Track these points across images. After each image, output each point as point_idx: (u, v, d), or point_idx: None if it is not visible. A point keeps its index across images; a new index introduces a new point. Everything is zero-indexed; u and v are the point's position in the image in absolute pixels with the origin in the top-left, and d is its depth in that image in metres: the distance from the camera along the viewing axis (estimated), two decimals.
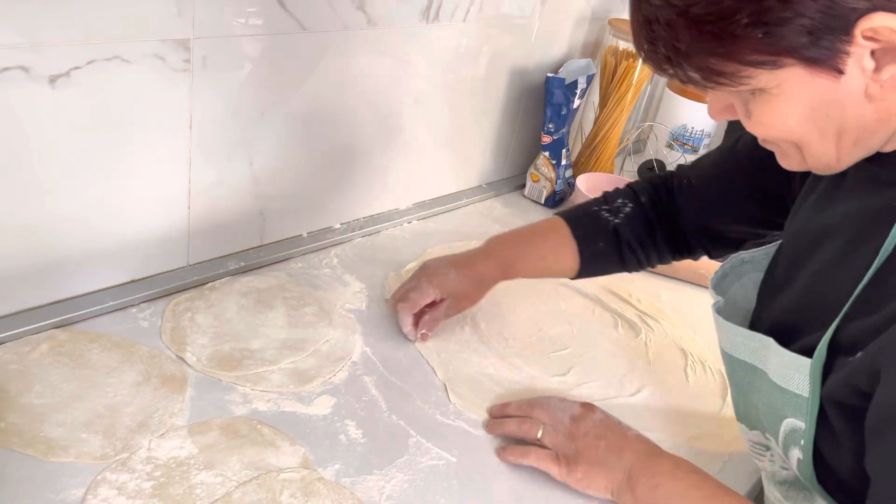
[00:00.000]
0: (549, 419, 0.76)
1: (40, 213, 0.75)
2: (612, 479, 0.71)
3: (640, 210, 0.89)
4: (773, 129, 0.57)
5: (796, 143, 0.57)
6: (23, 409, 0.69)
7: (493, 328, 0.95)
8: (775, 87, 0.53)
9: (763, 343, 0.64)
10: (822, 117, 0.54)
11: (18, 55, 0.66)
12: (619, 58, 1.29)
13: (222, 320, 0.85)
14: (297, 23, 0.86)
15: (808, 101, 0.54)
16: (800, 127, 0.55)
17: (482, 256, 0.91)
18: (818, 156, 0.57)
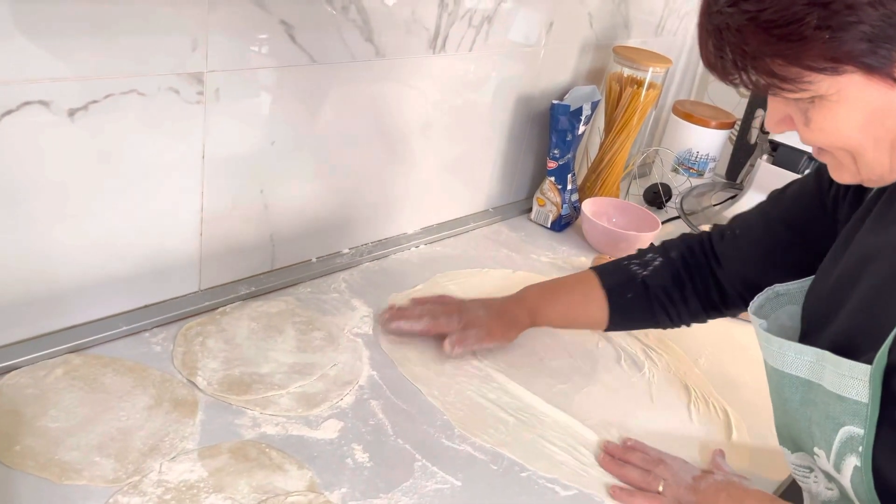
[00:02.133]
0: (671, 476, 0.78)
1: (57, 240, 0.78)
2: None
3: (669, 263, 0.90)
4: (831, 136, 0.59)
5: (852, 151, 0.60)
6: (38, 433, 0.70)
7: (495, 357, 0.95)
8: (835, 94, 0.56)
9: (818, 356, 0.64)
10: (878, 126, 0.57)
11: (39, 89, 0.69)
12: (623, 84, 1.31)
13: (233, 345, 0.87)
14: (308, 55, 0.88)
15: (866, 108, 0.56)
16: (856, 134, 0.58)
17: (513, 302, 0.95)
18: (872, 166, 0.60)
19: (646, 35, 1.46)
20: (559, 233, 1.30)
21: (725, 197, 1.43)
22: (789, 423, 0.71)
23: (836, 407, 0.63)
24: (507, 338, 0.94)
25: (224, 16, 0.78)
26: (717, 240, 0.88)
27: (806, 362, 0.66)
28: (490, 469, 0.78)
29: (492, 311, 0.93)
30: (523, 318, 0.94)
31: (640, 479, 0.79)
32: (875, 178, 0.62)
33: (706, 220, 1.33)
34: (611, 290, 0.91)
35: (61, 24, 0.68)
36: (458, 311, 0.93)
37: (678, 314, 0.90)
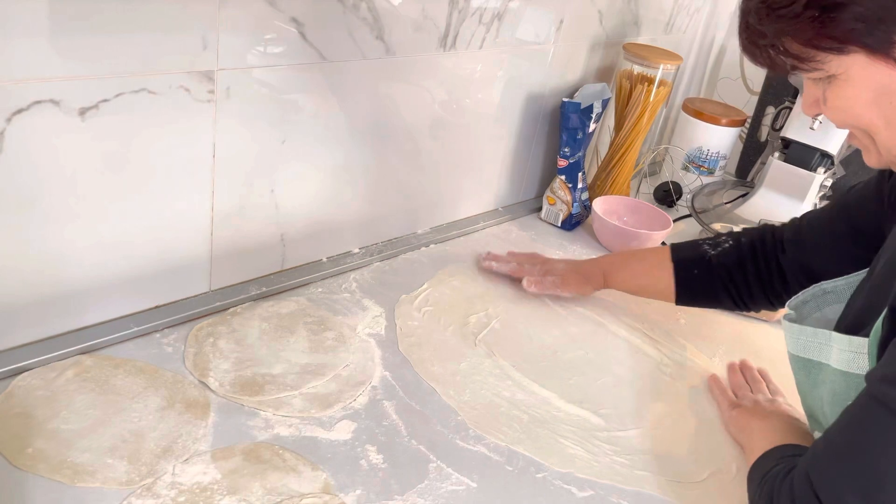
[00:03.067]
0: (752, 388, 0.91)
1: (67, 240, 0.77)
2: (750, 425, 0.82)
3: (738, 247, 0.94)
4: (844, 115, 0.64)
5: (867, 130, 0.64)
6: (50, 435, 0.70)
7: (507, 352, 0.95)
8: (843, 73, 0.61)
9: (826, 337, 0.68)
10: (886, 105, 0.60)
11: (50, 88, 0.68)
12: (633, 81, 1.30)
13: (244, 345, 0.86)
14: (318, 53, 0.88)
15: (872, 87, 0.60)
16: (867, 113, 0.62)
17: (591, 262, 1.08)
18: (888, 145, 0.63)
19: (655, 32, 1.46)
20: (569, 232, 1.29)
21: (736, 195, 1.42)
22: (809, 406, 0.75)
23: (842, 383, 0.65)
24: (582, 290, 1.06)
25: (235, 14, 0.78)
26: (787, 228, 0.92)
27: (816, 344, 0.70)
28: (505, 470, 0.77)
29: (570, 265, 1.08)
30: (597, 277, 1.04)
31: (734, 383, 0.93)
32: (893, 157, 0.64)
33: (717, 218, 1.31)
34: (678, 262, 0.97)
35: (71, 23, 0.67)
36: (542, 263, 1.09)
37: (740, 296, 0.94)
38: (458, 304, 1.02)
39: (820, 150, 1.28)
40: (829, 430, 0.61)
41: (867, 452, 0.56)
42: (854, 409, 0.59)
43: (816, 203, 1.31)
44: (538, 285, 1.05)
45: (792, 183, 1.30)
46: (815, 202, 1.31)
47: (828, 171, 1.30)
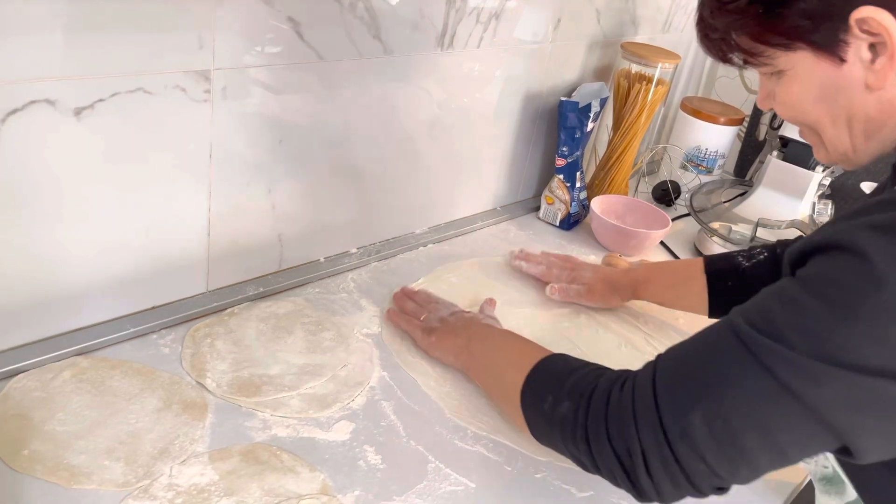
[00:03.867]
0: (434, 309, 0.92)
1: (63, 240, 0.77)
2: (456, 343, 0.86)
3: (773, 259, 0.92)
4: (791, 110, 0.64)
5: (813, 127, 0.64)
6: (46, 437, 0.69)
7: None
8: (791, 70, 0.61)
9: None
10: (831, 102, 0.60)
11: (45, 88, 0.68)
12: (631, 80, 1.30)
13: (241, 346, 0.85)
14: (315, 52, 0.87)
15: (817, 84, 0.60)
16: (812, 109, 0.62)
17: (622, 272, 1.06)
18: (834, 143, 0.63)
19: (653, 31, 1.45)
20: (568, 231, 1.29)
21: (735, 194, 1.42)
22: None
23: None
24: (608, 302, 1.05)
25: (231, 13, 0.77)
26: None
27: None
28: (504, 470, 0.77)
29: (599, 274, 1.06)
30: (627, 288, 1.03)
31: (411, 309, 0.94)
32: (840, 156, 0.65)
33: (716, 217, 1.31)
34: (712, 274, 0.95)
35: (67, 23, 0.67)
36: (571, 269, 1.08)
37: None
38: (451, 300, 1.01)
39: None
40: (685, 350, 0.61)
41: (719, 381, 0.56)
42: (714, 339, 0.59)
43: (815, 202, 1.31)
44: (562, 293, 1.04)
45: (790, 181, 1.30)
46: (814, 201, 1.31)
47: (826, 170, 1.30)
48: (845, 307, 0.52)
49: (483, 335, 0.85)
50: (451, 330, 0.88)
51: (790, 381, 0.53)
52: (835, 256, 0.54)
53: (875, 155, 0.63)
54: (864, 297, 0.51)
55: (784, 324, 0.54)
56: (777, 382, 0.53)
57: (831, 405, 0.52)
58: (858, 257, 0.52)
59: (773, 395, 0.53)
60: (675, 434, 0.57)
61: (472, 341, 0.85)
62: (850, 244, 0.52)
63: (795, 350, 0.53)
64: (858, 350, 0.51)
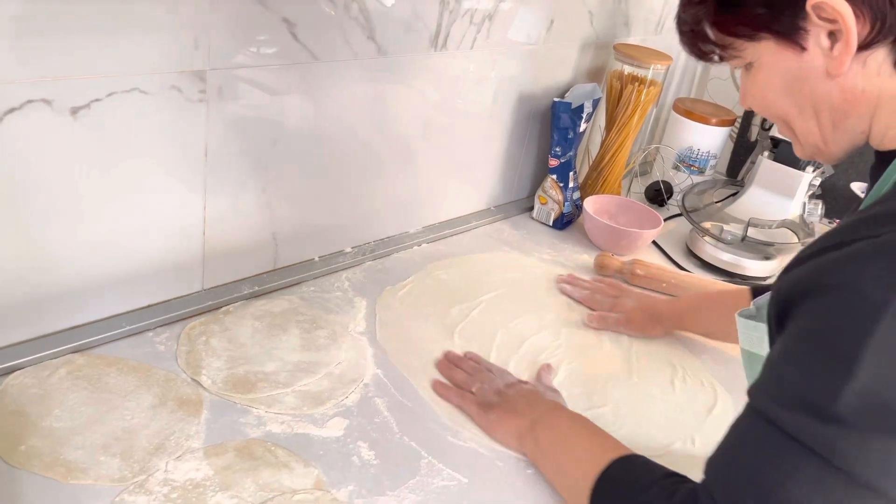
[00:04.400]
0: (487, 380, 0.86)
1: (59, 239, 0.77)
2: (520, 425, 0.79)
3: None
4: (760, 102, 0.65)
5: (783, 119, 0.65)
6: (43, 433, 0.70)
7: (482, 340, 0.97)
8: (756, 61, 0.62)
9: (763, 331, 0.66)
10: (795, 92, 0.61)
11: (42, 88, 0.69)
12: (624, 81, 1.31)
13: (237, 344, 0.86)
14: (310, 53, 0.88)
15: (781, 74, 0.61)
16: (779, 100, 0.63)
17: (667, 303, 1.06)
18: (805, 135, 0.64)
19: (646, 33, 1.47)
20: (561, 231, 1.30)
21: (727, 194, 1.43)
22: None
23: None
24: (647, 332, 1.03)
25: (226, 14, 0.78)
26: None
27: (757, 337, 0.69)
28: (496, 466, 0.78)
29: (641, 304, 1.05)
30: (668, 319, 1.02)
31: (461, 380, 0.87)
32: (812, 149, 0.65)
33: (708, 217, 1.32)
34: None
35: (64, 23, 0.67)
36: (614, 296, 1.07)
37: None
38: (441, 296, 1.03)
39: None
40: (727, 453, 0.58)
41: (772, 480, 0.53)
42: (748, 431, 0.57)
43: (805, 201, 1.32)
44: (600, 320, 1.03)
45: (781, 182, 1.32)
46: (804, 200, 1.32)
47: (816, 170, 1.31)
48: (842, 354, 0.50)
49: (550, 420, 0.78)
50: (512, 408, 0.81)
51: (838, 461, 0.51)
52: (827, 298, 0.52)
53: (847, 147, 0.63)
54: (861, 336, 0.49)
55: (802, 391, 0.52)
56: (826, 464, 0.51)
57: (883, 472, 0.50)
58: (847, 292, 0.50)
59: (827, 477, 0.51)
60: None
61: (537, 425, 0.78)
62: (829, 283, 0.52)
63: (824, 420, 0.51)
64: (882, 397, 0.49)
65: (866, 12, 0.55)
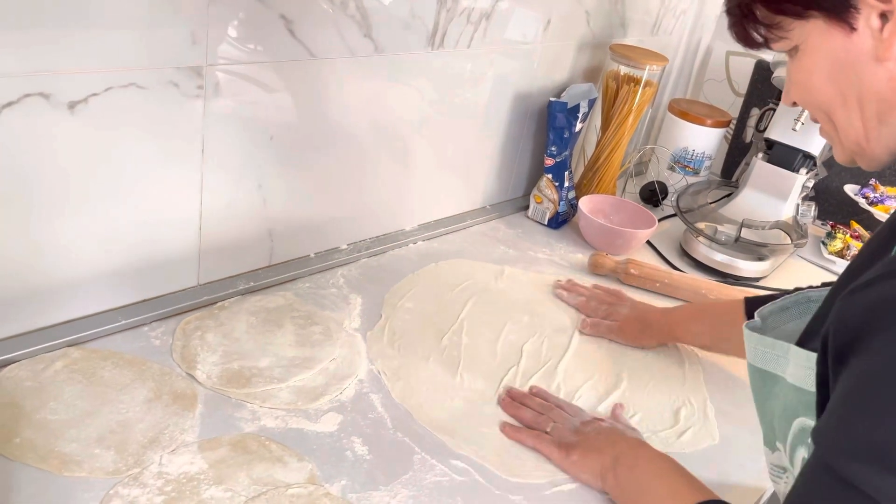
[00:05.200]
0: (561, 419, 0.83)
1: (56, 233, 0.78)
2: (602, 463, 0.77)
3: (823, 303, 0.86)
4: (802, 90, 0.63)
5: (825, 109, 0.62)
6: (38, 425, 0.70)
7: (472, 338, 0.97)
8: (803, 44, 0.60)
9: (784, 349, 0.64)
10: (841, 78, 0.59)
11: (40, 82, 0.69)
12: (620, 82, 1.32)
13: (232, 339, 0.87)
14: (306, 50, 0.89)
15: (828, 57, 0.59)
16: (823, 87, 0.61)
17: (661, 312, 1.03)
18: (847, 129, 0.61)
19: (642, 34, 1.47)
20: (556, 230, 1.31)
21: (721, 195, 1.44)
22: (762, 419, 0.71)
23: (793, 398, 0.62)
24: (638, 341, 1.02)
25: (224, 10, 0.78)
26: None
27: (774, 356, 0.66)
28: (489, 462, 0.78)
29: (635, 312, 1.04)
30: (662, 329, 1.01)
31: (532, 420, 0.83)
32: (853, 146, 0.62)
33: (702, 217, 1.33)
34: None
35: (62, 16, 0.68)
36: (610, 303, 1.06)
37: None
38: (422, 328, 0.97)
39: (802, 152, 1.30)
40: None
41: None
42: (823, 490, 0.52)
43: (799, 203, 1.33)
44: (593, 328, 1.03)
45: (775, 183, 1.32)
46: (798, 202, 1.33)
47: (810, 172, 1.32)
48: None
49: (632, 458, 0.76)
50: (593, 447, 0.78)
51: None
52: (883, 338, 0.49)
53: (891, 147, 0.60)
54: None
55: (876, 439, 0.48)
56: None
57: None
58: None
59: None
60: None
61: (619, 464, 0.76)
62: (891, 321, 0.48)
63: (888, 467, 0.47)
64: None
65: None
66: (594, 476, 0.77)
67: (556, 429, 0.82)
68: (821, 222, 1.53)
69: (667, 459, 0.75)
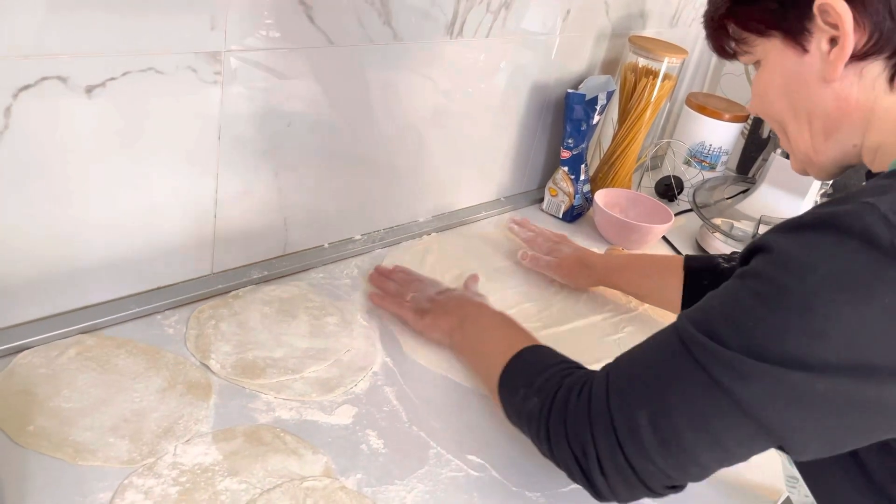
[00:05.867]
0: (419, 289, 0.93)
1: (70, 219, 0.77)
2: (450, 322, 0.87)
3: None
4: (759, 101, 0.67)
5: (779, 121, 0.67)
6: (51, 413, 0.70)
7: None
8: (764, 59, 0.65)
9: None
10: (793, 94, 0.63)
11: (58, 65, 0.68)
12: (638, 75, 1.30)
13: (246, 328, 0.86)
14: (325, 37, 0.87)
15: (782, 73, 0.63)
16: (777, 101, 0.65)
17: (600, 256, 1.08)
18: (797, 140, 0.66)
19: (661, 26, 1.45)
20: (571, 223, 1.30)
21: (738, 191, 1.42)
22: None
23: None
24: (574, 279, 1.07)
25: None
26: None
27: None
28: (505, 458, 0.77)
29: (577, 253, 1.09)
30: (597, 271, 1.05)
31: (394, 290, 0.95)
32: (803, 156, 0.67)
33: (718, 213, 1.32)
34: (689, 271, 0.96)
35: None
36: (555, 242, 1.12)
37: None
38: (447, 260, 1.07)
39: None
40: (636, 352, 0.63)
41: (662, 381, 0.58)
42: (660, 340, 0.61)
43: (817, 200, 1.31)
44: (532, 261, 1.08)
45: (793, 180, 1.31)
46: (816, 199, 1.31)
47: None
48: (772, 301, 0.53)
49: (475, 315, 0.86)
50: (444, 310, 0.89)
51: (722, 378, 0.54)
52: (766, 255, 0.55)
53: (837, 159, 0.65)
54: (789, 290, 0.52)
55: (719, 321, 0.56)
56: (711, 380, 0.54)
57: (761, 401, 0.53)
58: (783, 255, 0.53)
59: (709, 392, 0.55)
60: (624, 435, 0.58)
61: (465, 321, 0.86)
62: (772, 243, 0.55)
63: (728, 346, 0.54)
64: (784, 344, 0.52)
65: (866, 21, 0.57)
66: (444, 335, 0.87)
67: (414, 298, 0.92)
68: None
69: (505, 317, 0.85)
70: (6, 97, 0.66)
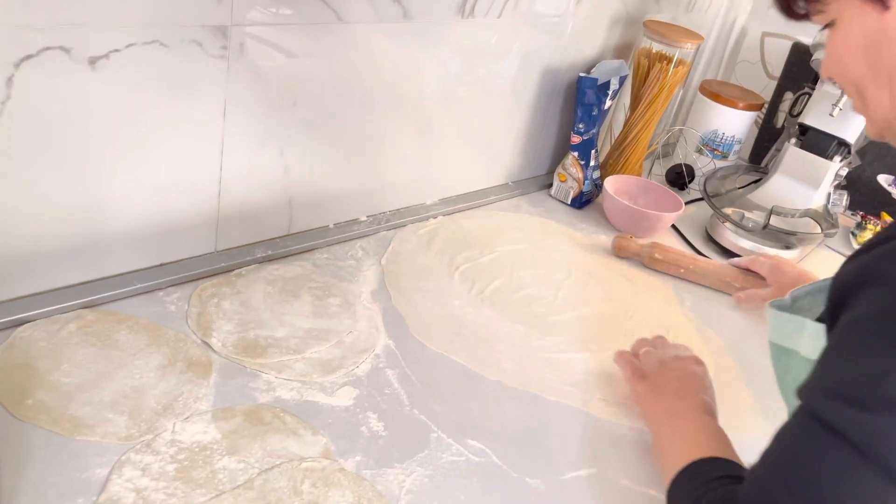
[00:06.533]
0: (658, 345, 0.87)
1: (73, 194, 0.76)
2: (656, 410, 0.78)
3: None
4: (834, 63, 0.63)
5: (856, 84, 0.62)
6: (51, 387, 0.69)
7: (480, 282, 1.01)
8: (840, 18, 0.60)
9: (800, 323, 0.65)
10: (874, 55, 0.59)
11: (60, 35, 0.67)
12: (652, 60, 1.28)
13: (248, 307, 0.85)
14: (335, 13, 0.86)
15: (860, 33, 0.59)
16: (855, 62, 0.61)
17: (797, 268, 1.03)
18: (874, 105, 0.61)
19: (676, 11, 1.43)
20: (579, 210, 1.28)
21: (749, 180, 1.40)
22: (784, 399, 0.72)
23: (805, 372, 0.62)
24: None
25: None
26: None
27: (790, 331, 0.68)
28: (506, 443, 0.76)
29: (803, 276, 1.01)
30: None
31: (637, 346, 0.88)
32: (882, 122, 0.62)
33: (729, 202, 1.30)
34: None
35: None
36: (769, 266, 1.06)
37: None
38: (457, 240, 1.08)
39: (837, 139, 1.26)
40: (768, 454, 0.56)
41: (810, 476, 0.51)
42: (793, 430, 0.55)
43: (830, 192, 1.29)
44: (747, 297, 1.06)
45: (807, 170, 1.28)
46: (829, 191, 1.29)
47: (844, 160, 1.28)
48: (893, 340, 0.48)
49: (683, 414, 0.75)
50: (660, 391, 0.79)
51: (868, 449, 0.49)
52: (883, 289, 0.51)
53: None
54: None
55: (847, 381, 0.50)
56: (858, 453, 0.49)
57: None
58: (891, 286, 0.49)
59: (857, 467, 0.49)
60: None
61: (669, 416, 0.76)
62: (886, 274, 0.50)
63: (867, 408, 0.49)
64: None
65: None
66: (646, 415, 0.80)
67: (646, 353, 0.85)
68: (851, 212, 1.49)
69: (709, 423, 0.73)
70: (8, 67, 0.65)
